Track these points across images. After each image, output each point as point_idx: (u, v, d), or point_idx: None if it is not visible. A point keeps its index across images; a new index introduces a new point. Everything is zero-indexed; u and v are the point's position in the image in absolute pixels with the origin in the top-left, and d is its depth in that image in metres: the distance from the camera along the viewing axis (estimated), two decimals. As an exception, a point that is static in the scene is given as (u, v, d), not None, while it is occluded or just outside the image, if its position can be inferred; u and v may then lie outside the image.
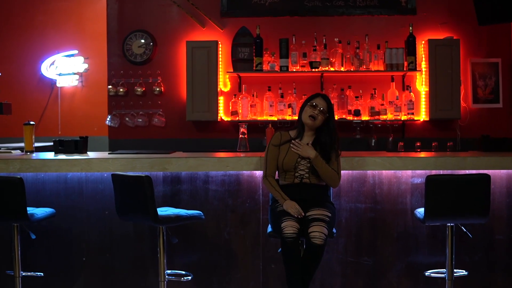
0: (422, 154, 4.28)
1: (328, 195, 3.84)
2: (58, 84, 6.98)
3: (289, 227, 3.42)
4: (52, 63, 6.97)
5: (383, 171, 4.14)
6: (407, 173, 4.17)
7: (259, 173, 4.12)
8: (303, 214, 3.52)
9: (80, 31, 7.04)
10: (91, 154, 4.37)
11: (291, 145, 3.69)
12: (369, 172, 4.15)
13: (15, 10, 7.09)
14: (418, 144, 5.24)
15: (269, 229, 3.65)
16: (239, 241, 4.22)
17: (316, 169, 3.65)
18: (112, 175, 3.75)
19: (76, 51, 6.99)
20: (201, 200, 4.20)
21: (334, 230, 3.63)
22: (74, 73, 6.99)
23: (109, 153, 4.48)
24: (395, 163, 3.97)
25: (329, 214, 3.56)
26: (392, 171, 4.13)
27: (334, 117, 3.78)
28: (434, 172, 4.04)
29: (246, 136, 4.59)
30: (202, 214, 3.85)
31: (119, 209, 3.76)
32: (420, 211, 3.79)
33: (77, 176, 4.23)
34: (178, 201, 4.19)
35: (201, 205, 4.17)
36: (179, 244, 4.07)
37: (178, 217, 3.72)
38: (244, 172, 4.14)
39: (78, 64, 6.97)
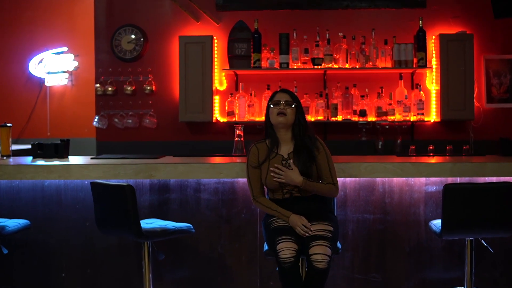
0: (435, 160, 4.01)
1: (327, 204, 3.48)
2: (47, 83, 6.89)
3: (286, 250, 3.06)
4: (41, 61, 6.87)
5: (394, 178, 3.88)
6: (421, 181, 3.90)
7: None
8: (311, 231, 3.15)
9: (70, 27, 6.93)
10: (72, 159, 4.14)
11: (271, 174, 3.29)
12: (378, 179, 3.89)
13: (2, 5, 6.99)
14: (431, 147, 5.01)
15: (265, 247, 3.31)
16: (234, 255, 3.96)
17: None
18: (91, 183, 3.48)
19: (65, 48, 6.89)
20: (192, 210, 3.94)
21: (339, 245, 3.31)
22: (64, 72, 6.88)
23: (91, 158, 4.23)
24: (408, 169, 3.68)
25: (331, 229, 3.21)
26: (404, 178, 3.86)
27: (302, 109, 3.43)
28: (450, 179, 3.79)
29: (242, 139, 4.34)
30: (192, 227, 3.56)
31: (98, 221, 3.49)
32: (436, 223, 3.51)
33: (55, 183, 4.00)
34: (166, 211, 3.94)
35: (192, 216, 3.92)
36: (168, 259, 3.85)
37: (164, 231, 3.41)
38: (240, 179, 3.87)
39: (68, 62, 6.88)
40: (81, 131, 6.63)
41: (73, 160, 4.08)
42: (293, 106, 3.37)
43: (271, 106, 3.39)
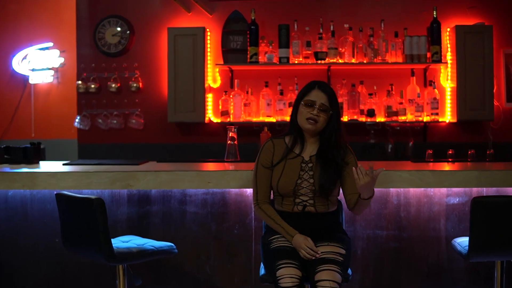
0: (457, 167, 3.68)
1: (340, 223, 3.08)
2: (31, 81, 6.69)
3: (287, 278, 2.63)
4: (25, 57, 6.64)
5: (410, 189, 3.54)
6: (441, 191, 3.56)
7: (250, 191, 3.52)
8: (318, 253, 2.74)
9: (56, 22, 6.72)
10: (42, 165, 3.84)
11: (353, 169, 2.76)
12: (393, 190, 3.55)
13: (-17, -2, 6.89)
14: (451, 152, 4.72)
15: (262, 270, 2.91)
16: (225, 277, 3.68)
17: (359, 206, 2.86)
18: (56, 194, 3.11)
19: (51, 44, 6.65)
20: (176, 225, 3.63)
21: (349, 272, 2.88)
22: (49, 68, 6.66)
23: (63, 164, 3.90)
24: (427, 178, 3.32)
25: (343, 252, 2.79)
26: (422, 188, 3.52)
27: (339, 113, 2.94)
28: (475, 190, 3.46)
29: (236, 142, 4.05)
30: (174, 246, 3.18)
31: (65, 239, 3.11)
32: (461, 242, 3.11)
33: (20, 193, 3.68)
34: (147, 226, 3.62)
35: (175, 232, 3.62)
36: (149, 280, 3.58)
37: (141, 252, 3.00)
38: (232, 190, 3.56)
39: (53, 58, 6.64)
40: (67, 132, 6.44)
41: (43, 166, 3.78)
42: (329, 112, 2.89)
43: (302, 104, 2.92)
